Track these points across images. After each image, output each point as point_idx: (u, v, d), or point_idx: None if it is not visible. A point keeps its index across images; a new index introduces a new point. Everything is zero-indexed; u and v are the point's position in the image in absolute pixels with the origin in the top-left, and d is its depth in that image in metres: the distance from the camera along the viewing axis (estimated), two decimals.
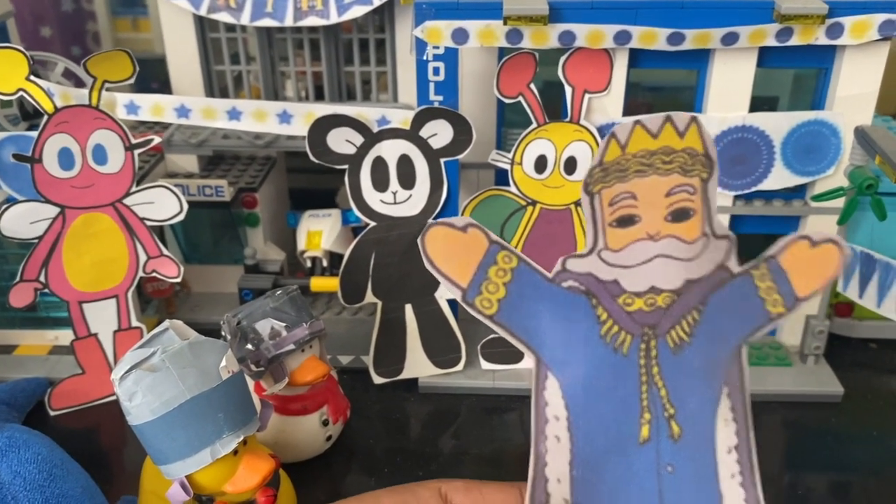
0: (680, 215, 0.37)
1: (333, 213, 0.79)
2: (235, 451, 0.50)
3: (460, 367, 0.70)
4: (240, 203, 0.77)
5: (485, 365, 0.70)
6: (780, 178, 0.65)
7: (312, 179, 0.97)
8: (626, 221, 0.37)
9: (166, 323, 0.51)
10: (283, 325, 0.58)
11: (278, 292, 0.60)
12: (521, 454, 0.62)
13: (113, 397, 0.68)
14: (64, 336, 0.73)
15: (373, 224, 0.66)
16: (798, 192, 0.67)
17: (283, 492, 0.54)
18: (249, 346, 0.58)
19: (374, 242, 0.66)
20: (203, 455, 0.49)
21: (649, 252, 0.37)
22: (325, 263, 0.78)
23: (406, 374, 0.70)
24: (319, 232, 0.78)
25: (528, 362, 0.70)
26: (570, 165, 0.64)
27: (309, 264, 0.77)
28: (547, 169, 0.64)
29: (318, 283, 0.75)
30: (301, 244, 0.78)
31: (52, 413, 0.67)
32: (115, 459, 0.64)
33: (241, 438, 0.50)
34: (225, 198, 0.74)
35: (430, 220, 0.40)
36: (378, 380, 0.70)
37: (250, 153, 0.83)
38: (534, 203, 0.65)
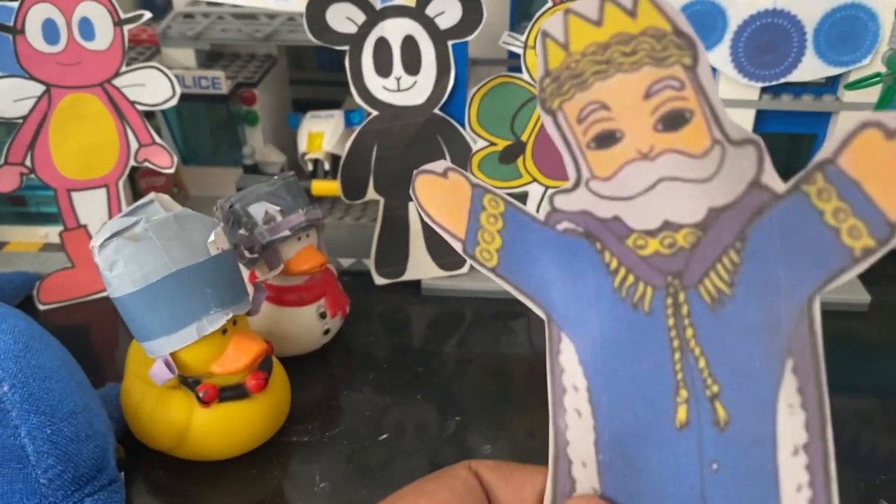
0: (672, 121, 0.28)
1: (336, 114, 0.76)
2: (224, 331, 0.47)
3: (465, 269, 0.67)
4: (238, 99, 0.74)
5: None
6: (811, 68, 0.60)
7: (317, 91, 0.93)
8: (606, 140, 0.29)
9: (151, 195, 0.48)
10: (278, 209, 0.55)
11: (274, 178, 0.57)
12: (526, 366, 0.59)
13: (104, 293, 0.66)
14: (54, 233, 0.70)
15: (375, 113, 0.62)
16: (830, 86, 0.63)
17: (275, 379, 0.51)
18: (243, 231, 0.55)
19: (376, 133, 0.63)
20: (189, 331, 0.46)
21: (648, 175, 0.29)
22: (326, 166, 0.75)
23: (409, 276, 0.67)
24: (321, 133, 0.75)
25: None
26: None
27: (310, 167, 0.74)
28: None
29: (320, 187, 0.72)
30: (302, 146, 0.74)
31: (40, 307, 0.64)
32: (105, 355, 0.62)
33: (230, 316, 0.47)
34: (222, 91, 0.71)
35: (417, 170, 0.35)
36: (380, 280, 0.67)
37: (250, 50, 0.79)
38: None
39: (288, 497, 0.48)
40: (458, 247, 0.33)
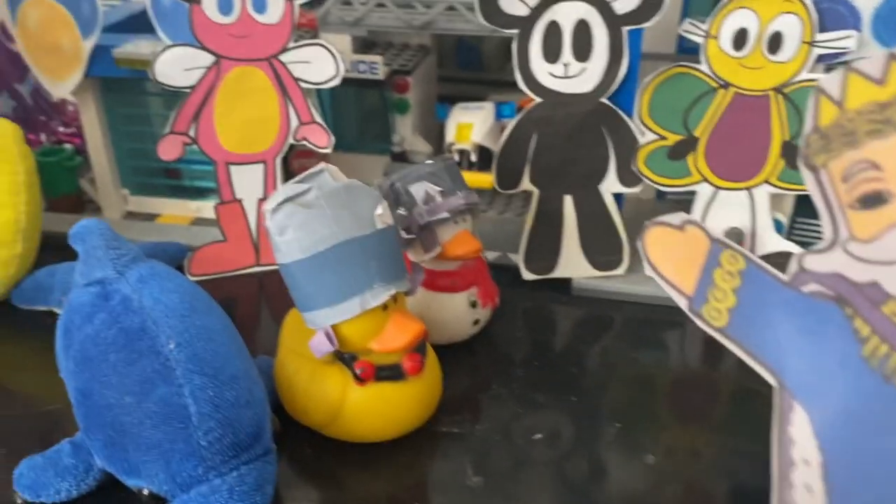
0: None
1: (486, 105, 0.74)
2: (385, 307, 0.46)
3: (621, 269, 0.63)
4: (391, 86, 0.73)
5: (650, 270, 0.63)
6: None
7: (464, 90, 0.92)
8: (873, 201, 0.28)
9: (321, 165, 0.47)
10: (439, 189, 0.53)
11: (435, 160, 0.55)
12: (674, 382, 0.55)
13: (254, 268, 0.66)
14: (206, 208, 0.71)
15: (538, 100, 0.60)
16: None
17: (429, 364, 0.49)
18: (401, 211, 0.53)
19: (538, 122, 0.60)
20: (352, 304, 0.44)
21: None
22: (473, 158, 0.73)
23: (559, 273, 0.64)
24: (470, 124, 0.73)
25: None
26: (775, 43, 0.55)
27: (456, 158, 0.72)
28: (747, 45, 0.56)
29: (467, 178, 0.70)
30: (450, 136, 0.73)
31: (190, 279, 0.65)
32: (248, 330, 0.62)
33: (393, 292, 0.45)
34: (379, 76, 0.70)
35: (650, 222, 0.34)
36: (528, 275, 0.64)
37: (403, 40, 0.79)
38: (726, 86, 0.57)
39: (438, 488, 0.46)
40: (682, 303, 0.32)
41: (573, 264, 0.63)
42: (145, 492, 0.41)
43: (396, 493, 0.45)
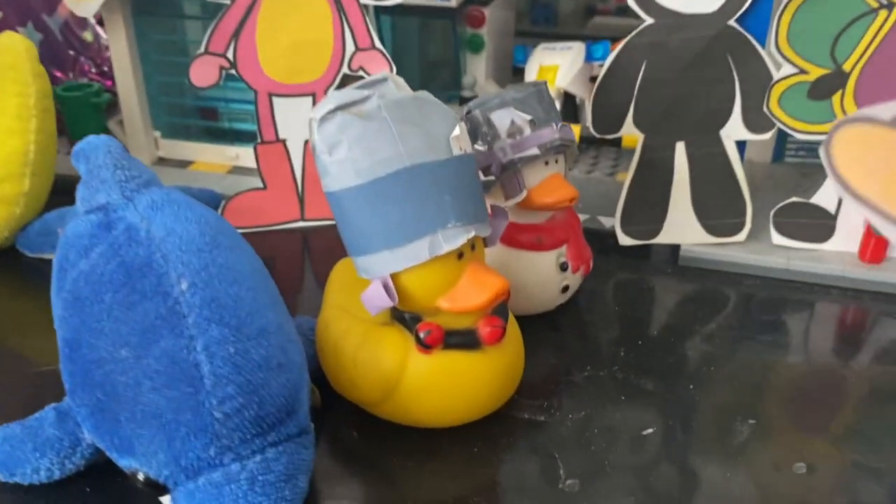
0: None
1: (575, 45, 0.63)
2: (460, 256, 0.35)
3: (742, 236, 0.52)
4: (464, 18, 0.63)
5: (777, 238, 0.52)
6: None
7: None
8: None
9: (385, 72, 0.37)
10: (528, 118, 0.43)
11: (523, 83, 0.45)
12: (801, 377, 0.43)
13: (296, 223, 0.56)
14: (247, 155, 0.62)
15: (649, 21, 0.49)
16: None
17: (510, 333, 0.38)
18: (479, 146, 0.43)
19: (648, 48, 0.49)
20: (419, 247, 0.34)
21: None
22: (557, 106, 0.63)
23: (665, 238, 0.53)
24: (555, 67, 0.62)
25: (838, 243, 0.51)
26: None
27: None
28: None
29: None
30: (530, 80, 0.62)
31: None
32: (290, 292, 0.52)
33: (472, 235, 0.35)
34: (450, 3, 0.60)
35: (840, 119, 0.22)
36: (625, 240, 0.53)
37: None
38: (890, 6, 0.46)
39: (518, 491, 0.35)
40: (894, 234, 0.21)
41: (682, 228, 0.52)
42: (140, 476, 0.31)
43: (464, 494, 0.35)
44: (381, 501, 0.35)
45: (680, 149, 0.51)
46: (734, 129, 0.50)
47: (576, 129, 0.63)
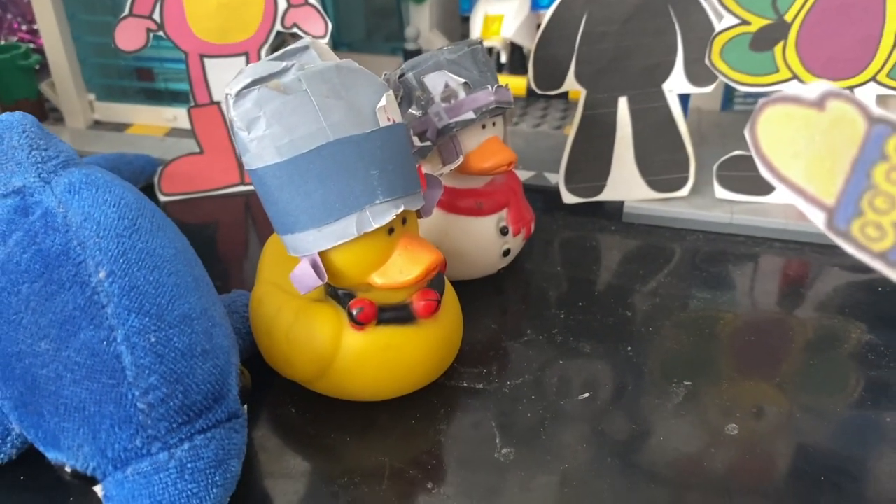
0: None
1: None
2: (391, 231, 0.35)
3: (685, 191, 0.52)
4: None
5: (720, 192, 0.52)
6: None
7: None
8: None
9: (307, 40, 0.36)
10: (462, 81, 0.42)
11: (458, 44, 0.44)
12: (744, 328, 0.44)
13: (237, 188, 0.55)
14: (184, 117, 0.60)
15: None
16: None
17: (447, 304, 0.38)
18: (414, 111, 0.42)
19: (588, 1, 0.48)
20: (346, 225, 0.34)
21: None
22: (503, 58, 0.61)
23: (609, 195, 0.52)
24: (500, 17, 0.61)
25: (781, 196, 0.51)
26: None
27: None
28: None
29: None
30: (476, 31, 0.61)
31: (161, 199, 0.54)
32: (232, 261, 0.51)
33: (401, 210, 0.34)
34: None
35: (764, 99, 0.20)
36: (569, 198, 0.53)
37: None
38: None
39: (456, 461, 0.36)
40: (818, 217, 0.23)
41: (626, 184, 0.52)
42: (67, 469, 0.31)
43: (402, 467, 0.35)
44: (320, 476, 0.35)
45: (622, 104, 0.50)
46: (677, 83, 0.49)
47: (523, 82, 0.62)
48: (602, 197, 0.52)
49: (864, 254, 0.22)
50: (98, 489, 0.31)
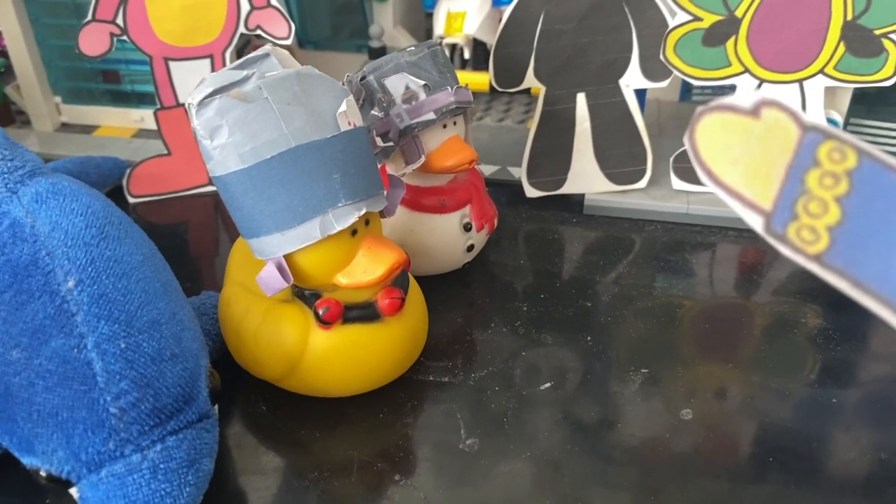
0: None
1: None
2: (354, 232, 0.36)
3: (643, 183, 0.53)
4: None
5: (677, 184, 0.53)
6: None
7: None
8: None
9: (267, 47, 0.37)
10: (422, 83, 0.43)
11: (418, 46, 0.45)
12: (702, 314, 0.46)
13: (205, 188, 0.56)
14: (151, 118, 0.60)
15: None
16: None
17: (411, 300, 0.39)
18: (376, 112, 0.43)
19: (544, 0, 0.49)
20: (310, 228, 0.35)
21: None
22: (466, 54, 0.62)
23: (569, 188, 0.54)
24: (463, 14, 0.62)
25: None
26: None
27: (447, 53, 0.61)
28: None
29: (459, 77, 0.60)
30: (439, 28, 0.62)
31: (130, 200, 0.55)
32: (203, 261, 0.52)
33: (363, 212, 0.35)
34: None
35: (700, 108, 0.21)
36: (532, 192, 0.54)
37: None
38: None
39: (422, 453, 0.37)
40: (756, 222, 0.23)
41: (586, 178, 0.53)
42: (42, 473, 0.32)
43: (369, 460, 0.36)
44: (291, 471, 0.36)
45: (581, 99, 0.51)
46: (633, 78, 0.51)
47: (486, 77, 0.63)
48: (563, 190, 0.54)
49: (800, 256, 0.23)
50: (73, 491, 0.32)
